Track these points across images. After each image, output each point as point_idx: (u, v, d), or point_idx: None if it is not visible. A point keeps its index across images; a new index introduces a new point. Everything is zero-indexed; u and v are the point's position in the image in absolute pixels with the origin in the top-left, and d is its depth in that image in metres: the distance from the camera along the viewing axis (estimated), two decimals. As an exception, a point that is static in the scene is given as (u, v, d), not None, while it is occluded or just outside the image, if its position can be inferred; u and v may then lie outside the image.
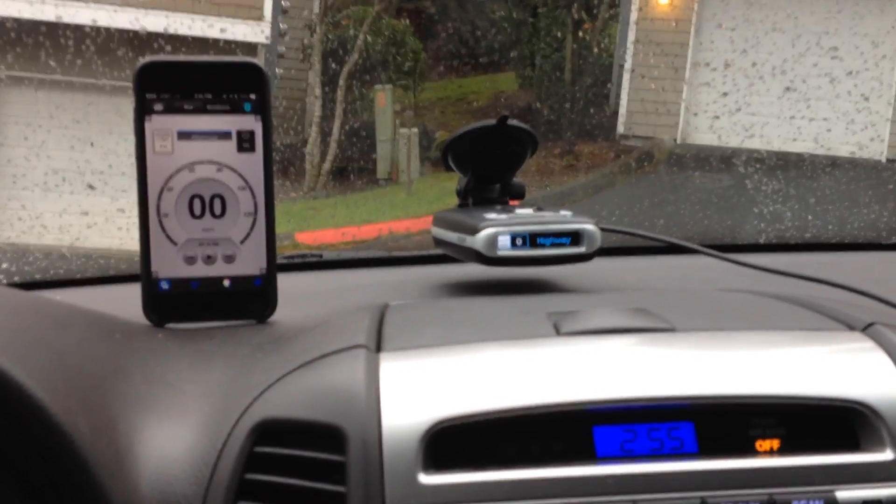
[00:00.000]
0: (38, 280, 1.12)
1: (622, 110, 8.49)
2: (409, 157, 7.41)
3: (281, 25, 8.09)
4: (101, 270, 1.14)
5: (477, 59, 9.73)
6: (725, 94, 7.15)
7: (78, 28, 4.18)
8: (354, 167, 8.08)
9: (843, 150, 6.39)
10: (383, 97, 8.04)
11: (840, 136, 6.59)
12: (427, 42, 9.52)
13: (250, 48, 7.54)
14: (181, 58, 0.84)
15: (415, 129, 7.76)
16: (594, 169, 7.84)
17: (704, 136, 7.71)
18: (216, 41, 6.37)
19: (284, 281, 0.93)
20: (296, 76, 8.59)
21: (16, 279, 1.11)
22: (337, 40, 8.42)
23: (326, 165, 7.87)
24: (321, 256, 1.23)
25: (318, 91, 8.05)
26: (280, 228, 0.87)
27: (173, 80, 0.83)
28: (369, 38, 8.29)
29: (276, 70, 8.32)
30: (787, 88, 6.74)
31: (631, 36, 8.41)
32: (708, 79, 7.74)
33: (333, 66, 8.16)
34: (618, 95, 8.58)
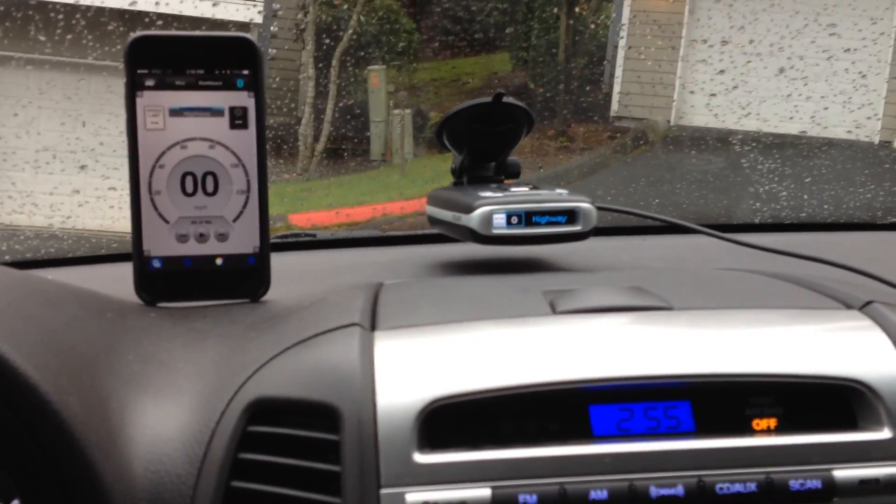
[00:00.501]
0: (30, 259, 1.11)
1: (616, 90, 8.46)
2: (403, 138, 7.38)
3: (273, 4, 8.03)
4: (92, 250, 1.13)
5: (471, 40, 9.68)
6: (722, 72, 7.12)
7: (67, 4, 4.13)
8: (348, 148, 8.05)
9: (839, 130, 6.38)
10: (377, 77, 8.00)
11: (837, 114, 6.57)
12: (421, 22, 9.46)
13: (242, 27, 7.49)
14: (173, 33, 0.83)
15: (408, 110, 7.72)
16: (589, 150, 7.83)
17: (700, 115, 7.70)
18: (208, 20, 6.32)
19: (278, 260, 0.92)
20: (289, 56, 8.53)
21: (7, 258, 1.10)
22: (330, 20, 8.37)
23: (320, 146, 7.84)
24: (315, 236, 1.23)
25: (311, 71, 8.00)
26: (273, 209, 0.86)
27: (165, 56, 0.82)
28: (362, 18, 8.24)
29: (270, 50, 8.27)
30: (782, 69, 6.72)
31: (625, 14, 8.37)
32: (704, 56, 7.71)
33: (327, 45, 8.11)
34: (612, 75, 8.55)
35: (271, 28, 8.21)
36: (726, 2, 7.36)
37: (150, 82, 0.82)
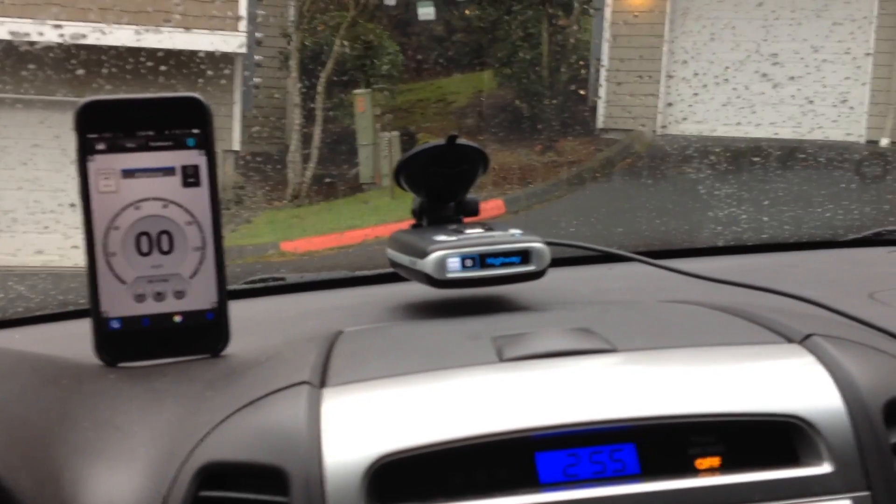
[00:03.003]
0: (-1, 320, 1.12)
1: (600, 104, 8.52)
2: (391, 161, 7.41)
3: (257, 34, 8.07)
4: (60, 306, 1.14)
5: (455, 60, 9.73)
6: (670, 104, 7.29)
7: (46, 44, 4.16)
8: (337, 173, 8.08)
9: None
10: (362, 102, 8.03)
11: (788, 139, 6.68)
12: (404, 44, 9.51)
13: (227, 58, 7.53)
14: (122, 96, 0.84)
15: (395, 133, 7.76)
16: (576, 164, 7.87)
17: (686, 124, 7.79)
18: (192, 53, 6.35)
19: (247, 307, 0.93)
20: (274, 84, 8.57)
21: (-26, 320, 1.11)
22: (314, 47, 8.41)
23: (309, 173, 7.87)
24: (284, 279, 1.24)
25: (296, 98, 8.04)
26: (265, 238, 0.88)
27: (115, 119, 0.83)
28: (345, 44, 8.28)
29: (255, 79, 8.31)
30: (727, 99, 6.86)
31: (606, 30, 8.44)
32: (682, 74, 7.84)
33: (311, 72, 8.15)
34: (596, 90, 8.60)
35: (256, 57, 8.25)
36: (668, 38, 7.50)
37: (101, 146, 0.83)
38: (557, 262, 0.94)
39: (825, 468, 0.64)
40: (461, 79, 9.78)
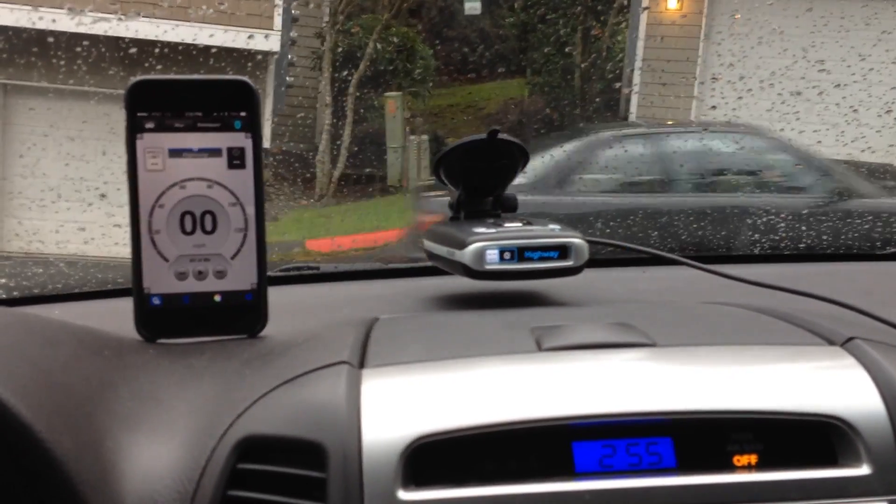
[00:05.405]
0: (37, 295, 1.14)
1: (632, 116, 8.48)
2: (420, 164, 7.43)
3: (291, 33, 8.12)
4: (99, 284, 1.16)
5: (487, 66, 9.75)
6: (714, 108, 7.24)
7: (79, 38, 4.20)
8: (365, 174, 8.11)
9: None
10: (393, 104, 8.05)
11: (830, 147, 6.61)
12: (437, 49, 9.54)
13: (261, 57, 7.58)
14: (172, 77, 0.85)
15: (425, 136, 7.77)
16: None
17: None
18: (226, 50, 6.40)
19: (281, 293, 0.93)
20: (306, 84, 8.62)
21: (15, 294, 1.13)
22: (347, 48, 8.45)
23: (337, 173, 7.90)
24: (318, 269, 1.25)
25: (328, 99, 8.08)
26: (291, 236, 0.88)
27: (164, 99, 0.84)
28: (379, 46, 8.31)
29: (287, 78, 8.36)
30: (772, 105, 6.80)
31: (640, 40, 8.41)
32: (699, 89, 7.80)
33: (344, 74, 8.19)
34: (628, 100, 8.57)
35: (289, 56, 8.30)
36: (714, 40, 7.43)
37: (149, 125, 0.84)
38: (591, 263, 0.94)
39: (864, 470, 0.63)
40: (493, 85, 9.79)
